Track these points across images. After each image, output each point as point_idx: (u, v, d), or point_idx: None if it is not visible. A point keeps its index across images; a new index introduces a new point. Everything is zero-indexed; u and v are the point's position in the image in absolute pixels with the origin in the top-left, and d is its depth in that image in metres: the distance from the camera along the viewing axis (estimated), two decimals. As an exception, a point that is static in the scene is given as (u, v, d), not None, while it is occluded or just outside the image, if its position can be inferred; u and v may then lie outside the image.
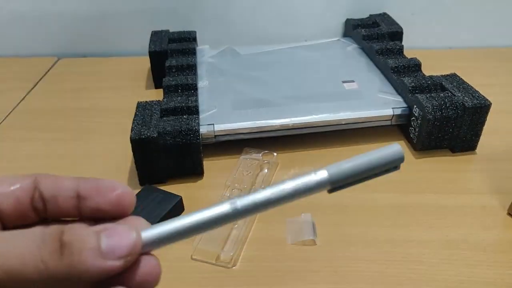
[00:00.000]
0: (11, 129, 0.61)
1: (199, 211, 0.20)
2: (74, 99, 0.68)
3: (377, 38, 0.68)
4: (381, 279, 0.38)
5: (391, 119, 0.54)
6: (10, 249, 0.17)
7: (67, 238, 0.18)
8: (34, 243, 0.17)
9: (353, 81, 0.59)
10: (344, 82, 0.59)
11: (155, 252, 0.20)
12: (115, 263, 0.18)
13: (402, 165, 0.22)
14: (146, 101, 0.53)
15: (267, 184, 0.49)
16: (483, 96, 0.50)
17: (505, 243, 0.41)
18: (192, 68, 0.61)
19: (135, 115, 0.50)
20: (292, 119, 0.52)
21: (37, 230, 0.18)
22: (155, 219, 0.41)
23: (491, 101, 0.49)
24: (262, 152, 0.52)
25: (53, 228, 0.18)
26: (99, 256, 0.18)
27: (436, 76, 0.55)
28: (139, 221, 0.21)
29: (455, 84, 0.54)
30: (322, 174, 0.21)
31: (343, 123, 0.53)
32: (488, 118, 0.50)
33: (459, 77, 0.55)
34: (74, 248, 0.17)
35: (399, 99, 0.55)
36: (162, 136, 0.47)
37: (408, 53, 0.63)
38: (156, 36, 0.71)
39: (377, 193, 0.47)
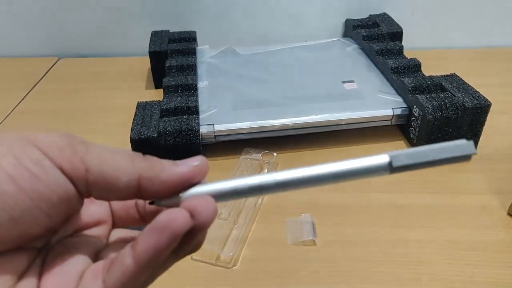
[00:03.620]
0: (11, 129, 0.61)
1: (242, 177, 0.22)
2: (74, 99, 0.68)
3: (377, 39, 0.68)
4: (381, 279, 0.38)
5: (391, 119, 0.54)
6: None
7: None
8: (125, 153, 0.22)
9: (353, 81, 0.59)
10: (344, 82, 0.59)
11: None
12: (185, 169, 0.22)
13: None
14: (146, 101, 0.53)
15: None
16: (483, 96, 0.50)
17: (505, 243, 0.41)
18: (192, 68, 0.61)
19: (135, 115, 0.50)
20: (292, 119, 0.52)
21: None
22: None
23: (491, 101, 0.49)
24: (262, 152, 0.52)
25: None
26: (173, 164, 0.22)
27: (436, 76, 0.55)
28: None
29: (455, 84, 0.54)
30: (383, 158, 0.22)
31: (343, 123, 0.53)
32: (488, 118, 0.50)
33: (459, 77, 0.55)
34: (155, 158, 0.22)
35: (399, 99, 0.55)
36: (162, 136, 0.47)
37: (408, 53, 0.63)
38: (156, 36, 0.71)
39: (377, 193, 0.47)
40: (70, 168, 0.20)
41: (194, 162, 0.22)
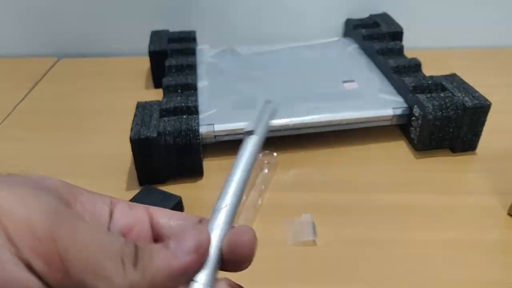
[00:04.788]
0: (11, 129, 0.61)
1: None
2: (74, 99, 0.68)
3: (377, 38, 0.68)
4: (381, 279, 0.38)
5: (391, 119, 0.54)
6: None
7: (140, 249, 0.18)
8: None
9: (353, 81, 0.59)
10: (344, 82, 0.59)
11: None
12: (184, 259, 0.18)
13: (403, 165, 0.22)
14: (146, 101, 0.53)
15: (266, 184, 0.49)
16: (483, 96, 0.50)
17: (505, 243, 0.41)
18: (192, 68, 0.61)
19: (135, 115, 0.50)
20: (292, 119, 0.52)
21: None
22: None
23: (491, 101, 0.49)
24: (262, 152, 0.52)
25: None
26: (170, 255, 0.17)
27: (436, 76, 0.55)
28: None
29: (455, 84, 0.53)
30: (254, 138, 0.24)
31: (343, 123, 0.53)
32: (488, 118, 0.50)
33: (459, 77, 0.55)
34: (146, 255, 0.17)
35: (400, 99, 0.55)
36: (162, 136, 0.47)
37: (408, 53, 0.63)
38: (156, 36, 0.71)
39: (377, 193, 0.47)
40: (42, 265, 0.15)
41: (193, 242, 0.18)
